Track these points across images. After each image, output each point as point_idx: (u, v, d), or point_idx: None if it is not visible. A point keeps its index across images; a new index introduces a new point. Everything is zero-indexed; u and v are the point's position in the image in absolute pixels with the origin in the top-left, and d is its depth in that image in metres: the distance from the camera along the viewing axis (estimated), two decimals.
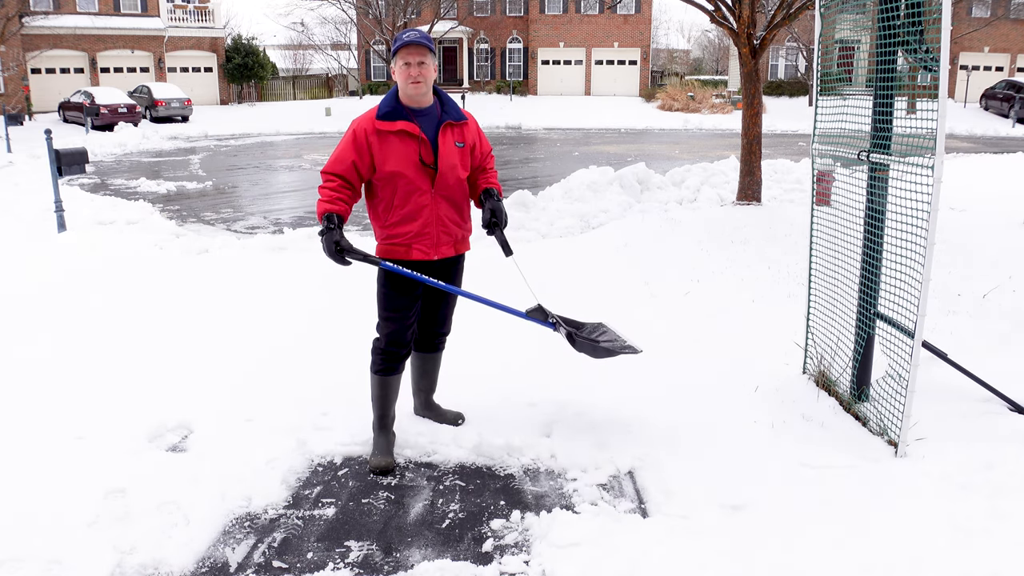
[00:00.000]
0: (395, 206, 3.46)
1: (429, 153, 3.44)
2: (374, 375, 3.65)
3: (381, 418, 3.68)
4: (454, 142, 3.51)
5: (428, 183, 3.46)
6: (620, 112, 33.89)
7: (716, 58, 60.37)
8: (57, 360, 4.74)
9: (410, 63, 3.35)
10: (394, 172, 3.40)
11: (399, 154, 3.40)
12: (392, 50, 3.42)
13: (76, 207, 10.28)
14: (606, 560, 2.79)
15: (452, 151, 3.50)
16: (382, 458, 3.58)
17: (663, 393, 4.19)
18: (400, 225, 3.48)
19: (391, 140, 3.40)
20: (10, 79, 29.78)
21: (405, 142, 3.41)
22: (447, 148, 3.48)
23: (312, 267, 6.95)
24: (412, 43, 3.34)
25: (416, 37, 3.37)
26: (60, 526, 2.98)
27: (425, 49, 3.37)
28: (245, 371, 4.57)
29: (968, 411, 3.84)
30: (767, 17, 10.64)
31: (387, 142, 3.40)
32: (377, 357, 3.64)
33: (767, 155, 13.42)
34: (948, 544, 2.80)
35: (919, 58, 3.31)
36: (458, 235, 3.63)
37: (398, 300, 3.55)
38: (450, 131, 3.51)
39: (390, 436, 3.70)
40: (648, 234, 8.05)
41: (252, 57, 38.57)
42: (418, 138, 3.41)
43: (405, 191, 3.43)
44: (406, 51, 3.35)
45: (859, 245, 3.87)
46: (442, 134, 3.47)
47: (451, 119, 3.50)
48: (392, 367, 3.63)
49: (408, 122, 3.40)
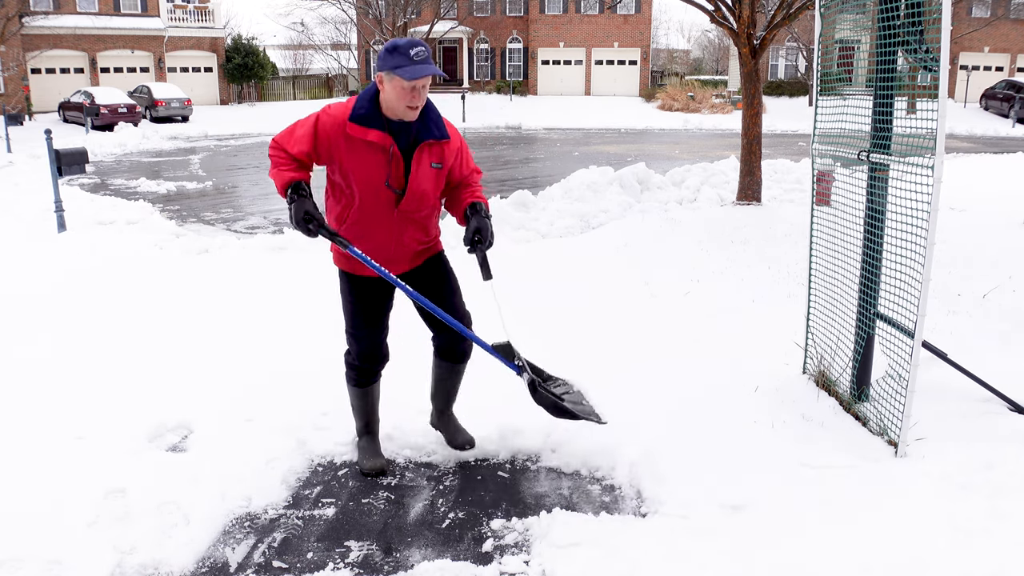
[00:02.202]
0: (351, 220, 3.19)
1: (399, 173, 3.10)
2: (351, 387, 3.52)
3: (366, 425, 3.60)
4: (430, 163, 3.14)
5: (391, 203, 3.14)
6: (620, 112, 33.88)
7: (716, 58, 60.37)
8: (57, 360, 4.74)
9: (416, 88, 2.99)
10: (355, 185, 3.10)
11: (365, 167, 3.06)
12: (393, 65, 2.97)
13: (76, 207, 10.28)
14: (606, 560, 2.79)
15: (426, 174, 3.14)
16: (374, 461, 3.52)
17: (663, 393, 4.19)
18: (355, 239, 3.19)
19: (359, 149, 3.05)
20: (10, 79, 29.79)
21: (375, 155, 3.06)
22: (421, 170, 3.12)
23: (312, 267, 6.95)
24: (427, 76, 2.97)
25: (432, 69, 2.98)
26: (60, 526, 2.98)
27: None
28: (245, 371, 4.56)
29: (968, 411, 3.84)
30: (767, 17, 10.64)
31: (355, 150, 3.06)
32: (351, 371, 3.48)
33: (767, 155, 13.41)
34: (948, 544, 2.79)
35: (919, 58, 3.31)
36: (419, 249, 3.33)
37: (366, 314, 3.33)
38: (428, 151, 3.13)
39: (375, 440, 3.61)
40: (648, 234, 8.06)
41: (252, 57, 38.58)
42: (389, 153, 3.06)
43: (363, 207, 3.14)
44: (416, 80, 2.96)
45: (859, 245, 3.87)
46: (418, 154, 3.10)
47: (432, 137, 3.12)
48: (368, 380, 3.50)
49: (382, 133, 3.04)
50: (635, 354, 4.82)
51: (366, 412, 3.58)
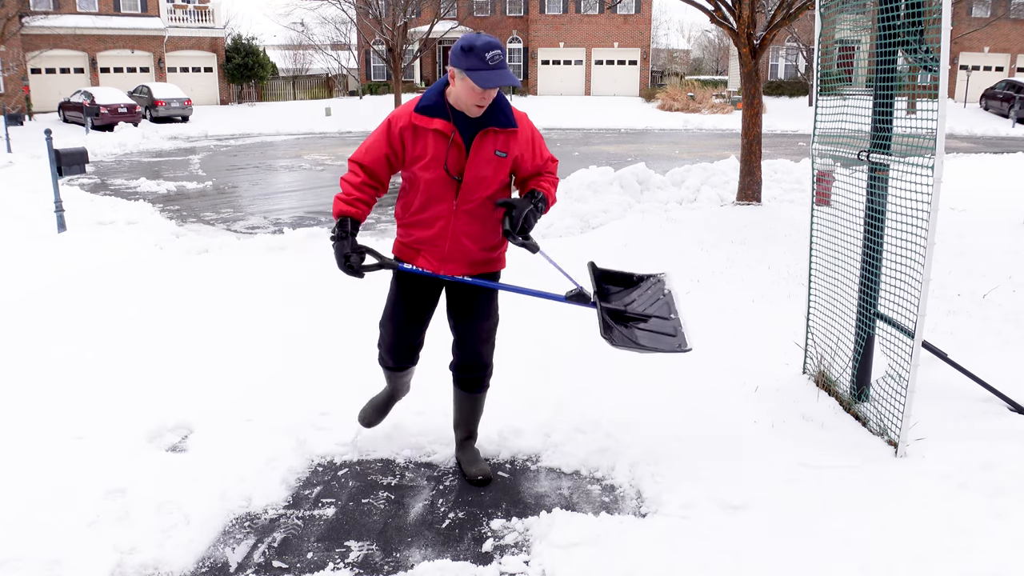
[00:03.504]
0: (414, 208, 3.20)
1: (459, 160, 3.09)
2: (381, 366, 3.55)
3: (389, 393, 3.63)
4: (494, 150, 3.12)
5: (451, 193, 3.13)
6: (620, 112, 33.88)
7: (716, 58, 60.35)
8: (57, 360, 4.74)
9: (487, 92, 3.00)
10: (419, 174, 3.12)
11: (428, 156, 3.08)
12: (467, 66, 2.95)
13: (76, 207, 10.27)
14: (606, 560, 2.79)
15: (488, 161, 3.11)
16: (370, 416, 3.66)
17: (663, 393, 4.19)
18: (414, 228, 3.22)
19: (424, 137, 3.08)
20: (10, 79, 29.79)
21: (438, 142, 3.08)
22: (482, 157, 3.10)
23: (312, 267, 6.95)
24: (498, 86, 2.97)
25: (508, 78, 2.97)
26: (60, 526, 2.98)
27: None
28: (245, 371, 4.57)
29: (968, 411, 3.84)
30: (767, 17, 10.64)
31: (421, 139, 3.09)
32: (380, 357, 3.52)
33: (767, 155, 13.40)
34: (948, 544, 2.80)
35: (919, 58, 3.31)
36: (478, 256, 3.25)
37: (402, 309, 3.32)
38: (491, 137, 3.11)
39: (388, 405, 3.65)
40: (648, 234, 8.06)
41: (252, 57, 38.58)
42: (450, 140, 3.07)
43: (426, 196, 3.15)
44: (489, 88, 2.98)
45: (859, 245, 3.87)
46: (479, 140, 3.09)
47: (496, 125, 3.10)
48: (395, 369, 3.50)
49: (445, 121, 3.06)
50: (635, 354, 4.81)
51: (393, 386, 3.61)
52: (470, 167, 3.10)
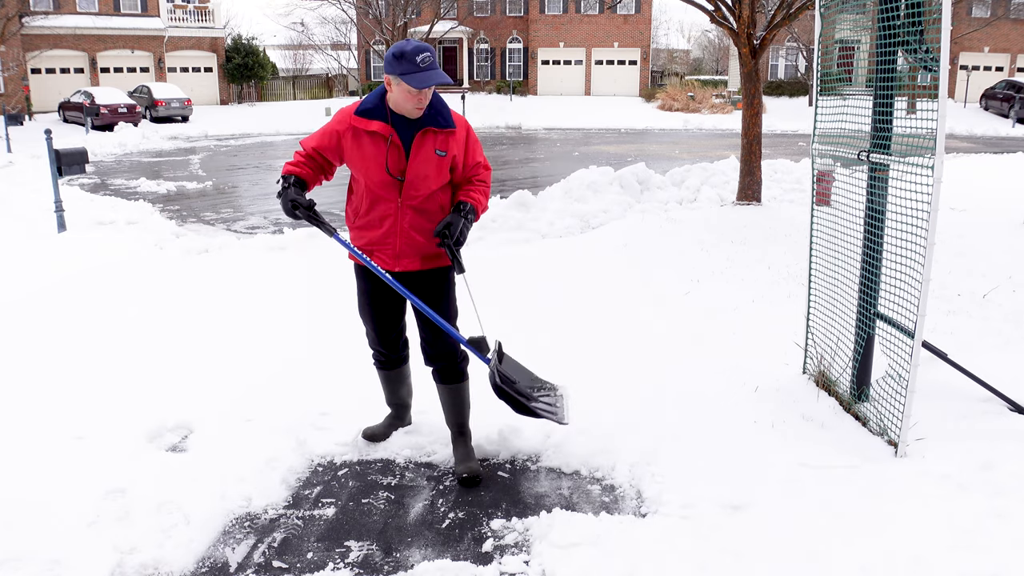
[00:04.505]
0: (362, 211, 3.34)
1: (399, 160, 3.21)
2: (375, 366, 3.73)
3: (389, 404, 3.82)
4: (434, 150, 3.23)
5: (395, 192, 3.25)
6: (620, 112, 33.88)
7: (716, 58, 60.35)
8: (57, 360, 4.74)
9: (423, 92, 3.13)
10: (361, 176, 3.27)
11: (368, 157, 3.22)
12: (400, 71, 3.08)
13: (76, 207, 10.28)
14: (606, 560, 2.79)
15: (428, 159, 3.22)
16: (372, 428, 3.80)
17: (663, 393, 4.19)
18: (364, 230, 3.36)
19: (364, 140, 3.22)
20: (10, 79, 29.78)
21: (376, 144, 3.21)
22: (422, 156, 3.22)
23: (313, 267, 6.96)
24: (434, 84, 3.12)
25: (440, 77, 3.11)
26: (60, 526, 2.98)
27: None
28: (245, 371, 4.57)
29: (968, 411, 3.84)
30: (767, 17, 10.65)
31: (360, 141, 3.23)
32: (372, 353, 3.71)
33: (767, 155, 13.41)
34: (948, 544, 2.80)
35: (919, 58, 3.31)
36: (429, 250, 3.34)
37: (370, 304, 3.52)
38: (431, 137, 3.22)
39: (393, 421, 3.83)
40: (648, 234, 8.06)
41: (252, 57, 38.57)
42: (388, 142, 3.19)
43: (371, 197, 3.29)
44: (424, 88, 3.10)
45: (859, 245, 3.87)
46: (419, 140, 3.21)
47: (434, 125, 3.22)
48: (387, 365, 3.69)
49: (383, 123, 3.19)
50: (635, 354, 4.82)
51: (389, 391, 3.76)
52: (411, 167, 3.22)
